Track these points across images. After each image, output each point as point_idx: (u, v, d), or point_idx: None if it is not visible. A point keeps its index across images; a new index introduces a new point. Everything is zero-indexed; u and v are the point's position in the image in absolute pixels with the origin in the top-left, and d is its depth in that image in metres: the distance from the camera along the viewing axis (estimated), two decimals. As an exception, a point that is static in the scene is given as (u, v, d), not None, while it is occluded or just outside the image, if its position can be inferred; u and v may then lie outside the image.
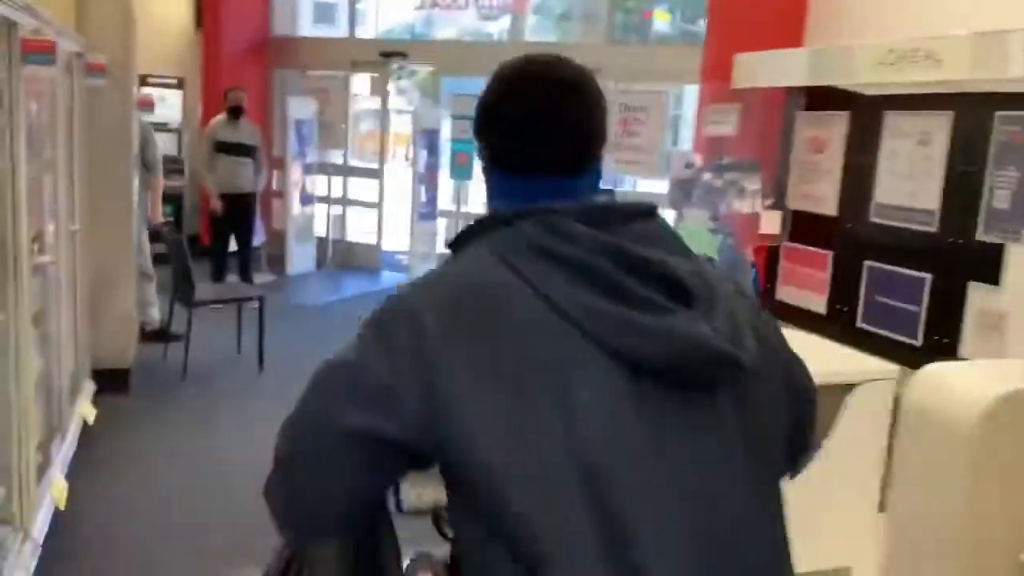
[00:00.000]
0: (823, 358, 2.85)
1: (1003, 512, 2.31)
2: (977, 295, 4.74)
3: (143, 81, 8.84)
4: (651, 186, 8.25)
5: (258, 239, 8.45)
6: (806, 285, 6.63)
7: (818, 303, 6.56)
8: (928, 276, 5.25)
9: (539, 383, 0.96)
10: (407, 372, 0.98)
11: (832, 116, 6.48)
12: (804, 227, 6.69)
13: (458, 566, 1.11)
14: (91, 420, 4.12)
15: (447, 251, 1.12)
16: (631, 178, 8.54)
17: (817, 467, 1.35)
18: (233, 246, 7.50)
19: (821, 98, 6.46)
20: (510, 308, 0.99)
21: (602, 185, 1.17)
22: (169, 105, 8.99)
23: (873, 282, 5.92)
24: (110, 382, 4.83)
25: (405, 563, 1.20)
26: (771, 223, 5.79)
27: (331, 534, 1.11)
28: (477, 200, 9.51)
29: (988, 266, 4.56)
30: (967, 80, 4.53)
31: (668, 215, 6.77)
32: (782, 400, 1.11)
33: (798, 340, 1.25)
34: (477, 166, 1.35)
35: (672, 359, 0.97)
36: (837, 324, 6.29)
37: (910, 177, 5.45)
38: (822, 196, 6.56)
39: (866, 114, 6.03)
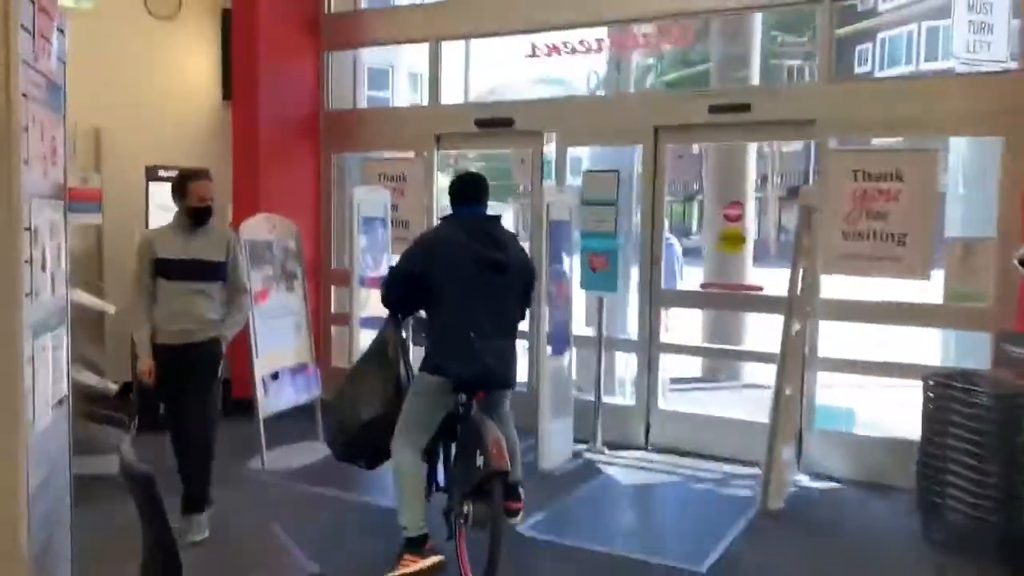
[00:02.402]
0: None
1: None
2: None
3: (151, 175, 6.44)
4: (905, 291, 5.37)
5: (290, 401, 5.67)
6: None
7: None
8: None
9: (451, 260, 4.02)
10: (422, 255, 4.11)
11: None
12: None
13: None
14: None
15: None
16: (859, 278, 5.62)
17: None
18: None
19: None
20: (446, 239, 4.09)
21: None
22: (188, 206, 6.47)
23: None
24: None
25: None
26: None
27: (397, 312, 4.40)
28: (632, 322, 6.77)
29: None
30: None
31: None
32: (523, 277, 4.27)
33: None
34: (623, 274, 6.74)
35: (486, 262, 4.03)
36: None
37: None
38: None
39: None
